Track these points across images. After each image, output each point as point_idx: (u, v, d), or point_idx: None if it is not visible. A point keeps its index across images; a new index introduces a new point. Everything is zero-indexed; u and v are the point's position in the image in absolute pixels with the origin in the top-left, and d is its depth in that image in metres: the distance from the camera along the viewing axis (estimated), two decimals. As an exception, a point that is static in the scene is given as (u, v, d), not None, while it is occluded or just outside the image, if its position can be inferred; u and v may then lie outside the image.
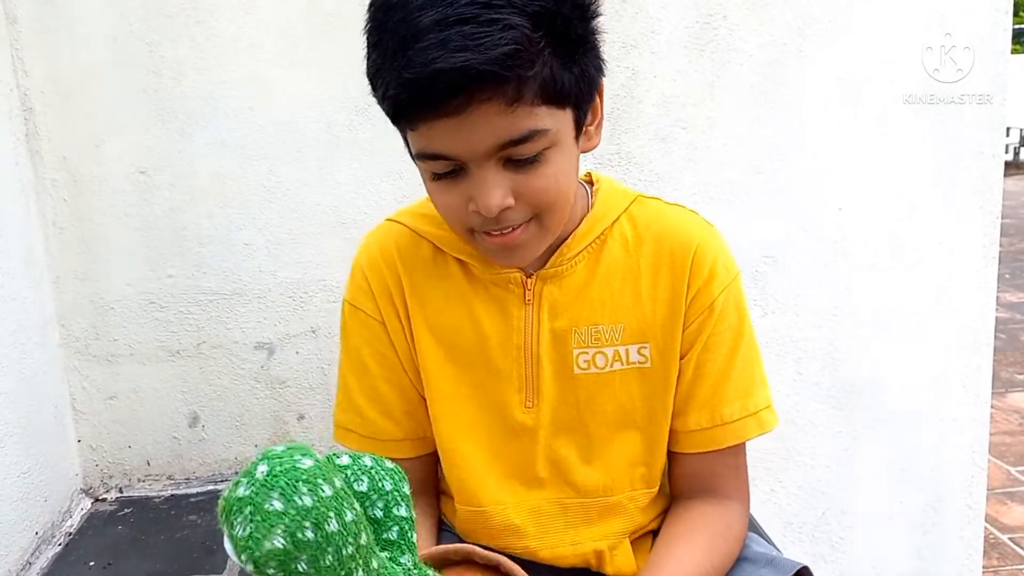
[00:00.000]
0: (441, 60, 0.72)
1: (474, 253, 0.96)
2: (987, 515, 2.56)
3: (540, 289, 0.96)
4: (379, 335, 1.01)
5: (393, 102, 0.78)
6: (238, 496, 0.56)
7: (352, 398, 1.03)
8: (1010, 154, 11.26)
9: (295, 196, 1.78)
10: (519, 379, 0.98)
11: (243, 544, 0.55)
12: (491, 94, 0.75)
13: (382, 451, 1.02)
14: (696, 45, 1.77)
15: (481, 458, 1.00)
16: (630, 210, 0.99)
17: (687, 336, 0.97)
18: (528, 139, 0.79)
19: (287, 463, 0.58)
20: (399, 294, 0.99)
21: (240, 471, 0.59)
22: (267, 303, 1.82)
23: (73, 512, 1.80)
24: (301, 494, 0.57)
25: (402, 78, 0.75)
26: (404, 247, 1.00)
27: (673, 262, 0.97)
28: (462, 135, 0.78)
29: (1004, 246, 6.69)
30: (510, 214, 0.83)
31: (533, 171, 0.82)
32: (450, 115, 0.76)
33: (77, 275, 1.78)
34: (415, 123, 0.79)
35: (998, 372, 3.91)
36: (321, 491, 0.58)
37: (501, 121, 0.77)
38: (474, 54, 0.72)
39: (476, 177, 0.81)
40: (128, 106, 1.72)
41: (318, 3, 1.71)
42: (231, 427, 1.87)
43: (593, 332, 0.97)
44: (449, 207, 0.86)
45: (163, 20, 1.69)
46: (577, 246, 0.96)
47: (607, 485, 1.01)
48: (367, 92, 0.86)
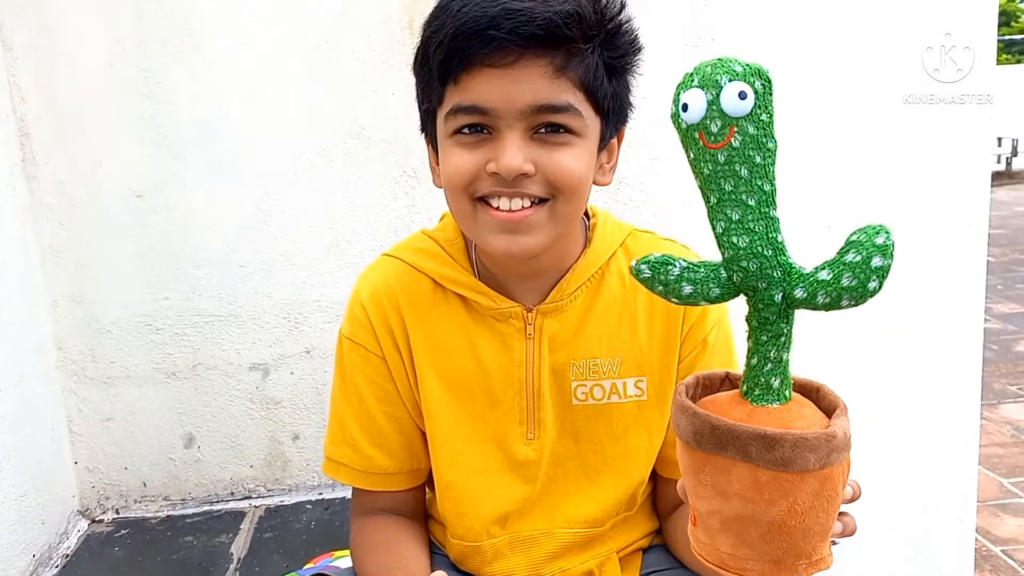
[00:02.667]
0: (509, 3, 0.78)
1: (475, 287, 0.97)
2: (979, 527, 2.57)
3: (541, 323, 0.98)
4: (379, 369, 1.01)
5: (448, 46, 0.81)
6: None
7: (347, 432, 1.03)
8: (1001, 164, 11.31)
9: (290, 218, 1.80)
10: (520, 412, 0.99)
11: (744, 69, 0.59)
12: (544, 55, 0.80)
13: (375, 484, 1.03)
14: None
15: (478, 492, 1.01)
16: (626, 244, 1.01)
17: (681, 370, 1.00)
18: (564, 110, 0.83)
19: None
20: (400, 329, 1.00)
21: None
22: (262, 324, 1.83)
23: (70, 534, 1.81)
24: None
25: (467, 17, 0.79)
26: (404, 283, 1.01)
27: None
28: (505, 87, 0.81)
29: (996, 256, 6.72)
30: (526, 183, 0.84)
31: (557, 148, 0.85)
32: (498, 65, 0.80)
33: (74, 298, 1.79)
34: (462, 72, 0.82)
35: (990, 383, 3.93)
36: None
37: (544, 83, 0.81)
38: (539, 5, 0.78)
39: (503, 138, 0.83)
40: (124, 131, 1.74)
41: (313, 29, 1.73)
42: (226, 448, 1.88)
43: (591, 365, 0.98)
44: (463, 168, 0.85)
45: (159, 46, 1.71)
46: (576, 281, 0.98)
47: (597, 517, 1.02)
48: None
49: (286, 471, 1.91)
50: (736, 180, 0.61)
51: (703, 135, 0.60)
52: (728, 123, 0.59)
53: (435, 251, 1.00)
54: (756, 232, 0.62)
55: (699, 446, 0.63)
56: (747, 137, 0.59)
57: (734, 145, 0.60)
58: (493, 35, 0.78)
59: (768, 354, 0.65)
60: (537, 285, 0.97)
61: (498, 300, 0.97)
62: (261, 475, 1.90)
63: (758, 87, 0.59)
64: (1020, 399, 3.82)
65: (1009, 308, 5.31)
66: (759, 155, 0.60)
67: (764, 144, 0.60)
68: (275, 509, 1.87)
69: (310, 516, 1.82)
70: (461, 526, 1.02)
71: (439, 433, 1.00)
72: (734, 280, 0.65)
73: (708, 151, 0.61)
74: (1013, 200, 9.94)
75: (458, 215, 0.91)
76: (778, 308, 0.64)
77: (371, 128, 1.77)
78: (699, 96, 0.60)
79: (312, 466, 1.91)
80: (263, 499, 1.90)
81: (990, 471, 3.14)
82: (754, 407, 0.65)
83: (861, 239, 0.60)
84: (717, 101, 0.59)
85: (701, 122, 0.60)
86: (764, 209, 0.62)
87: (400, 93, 1.76)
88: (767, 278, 0.63)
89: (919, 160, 1.87)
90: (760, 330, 0.65)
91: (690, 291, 0.67)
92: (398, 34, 1.75)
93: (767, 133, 0.60)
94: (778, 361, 0.65)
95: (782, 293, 0.63)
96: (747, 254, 0.63)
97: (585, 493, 1.02)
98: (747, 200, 0.61)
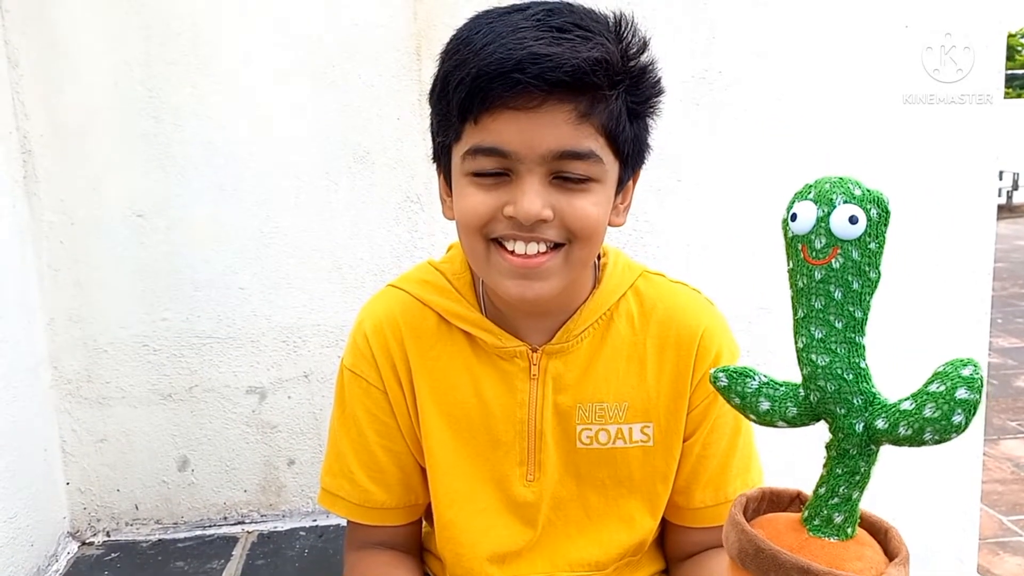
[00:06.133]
0: (536, 47, 0.76)
1: (481, 324, 0.96)
2: (979, 565, 2.54)
3: (546, 364, 0.96)
4: (380, 403, 1.00)
5: (470, 85, 0.79)
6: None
7: (345, 464, 1.02)
8: (1002, 197, 11.36)
9: (292, 241, 1.79)
10: (520, 452, 0.98)
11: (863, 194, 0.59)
12: (568, 100, 0.78)
13: (371, 519, 1.01)
14: (691, 99, 1.79)
15: (478, 531, 0.99)
16: (636, 285, 1.00)
17: (692, 419, 0.98)
18: (585, 158, 0.81)
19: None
20: (403, 362, 0.98)
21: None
22: (260, 347, 1.82)
23: (59, 556, 1.78)
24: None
25: (492, 57, 0.77)
26: (409, 315, 0.99)
27: (679, 345, 0.97)
28: (528, 131, 0.79)
29: (996, 290, 6.72)
30: (543, 228, 0.83)
31: (577, 195, 0.83)
32: (523, 108, 0.78)
33: (71, 317, 1.77)
34: (483, 112, 0.80)
35: (990, 419, 3.91)
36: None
37: (567, 129, 0.80)
38: (567, 51, 0.76)
39: (523, 182, 0.81)
40: (127, 150, 1.73)
41: (318, 51, 1.73)
42: (221, 472, 1.86)
43: (598, 409, 0.97)
44: (479, 209, 0.84)
45: (164, 66, 1.71)
46: (585, 322, 0.96)
47: (599, 560, 1.01)
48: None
49: (280, 496, 1.88)
50: (827, 300, 0.60)
51: (805, 248, 0.60)
52: (832, 243, 0.59)
53: (441, 284, 0.99)
54: (838, 354, 0.61)
55: (743, 565, 0.61)
56: (849, 261, 0.59)
57: (834, 266, 0.59)
58: (518, 79, 0.76)
59: (838, 489, 0.63)
60: (544, 325, 0.96)
61: (503, 338, 0.95)
62: (255, 500, 1.88)
63: (872, 215, 0.58)
64: (1020, 435, 3.80)
65: (1009, 342, 5.31)
66: (857, 281, 0.59)
67: (865, 272, 0.59)
68: (268, 535, 1.84)
69: (303, 543, 1.80)
70: (460, 566, 1.00)
71: (439, 470, 0.98)
72: (811, 400, 0.63)
73: (807, 265, 0.60)
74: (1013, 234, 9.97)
75: (471, 254, 0.90)
76: (859, 440, 0.62)
77: (375, 153, 1.77)
78: (810, 209, 0.59)
79: (307, 492, 1.88)
80: (256, 524, 1.88)
81: (990, 508, 3.11)
82: (810, 537, 0.63)
83: (947, 370, 0.59)
84: (827, 219, 0.58)
85: (806, 235, 0.60)
86: (850, 334, 0.61)
87: (405, 118, 1.76)
88: (846, 404, 0.62)
89: (919, 160, 1.87)
90: (837, 462, 0.63)
91: (767, 408, 0.65)
92: (405, 60, 1.75)
93: (872, 263, 0.59)
94: (847, 498, 0.63)
95: (864, 423, 0.62)
96: (825, 374, 0.61)
97: (587, 536, 1.00)
98: (834, 322, 0.60)
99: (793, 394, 0.64)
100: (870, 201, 0.59)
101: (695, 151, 1.81)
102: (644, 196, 1.81)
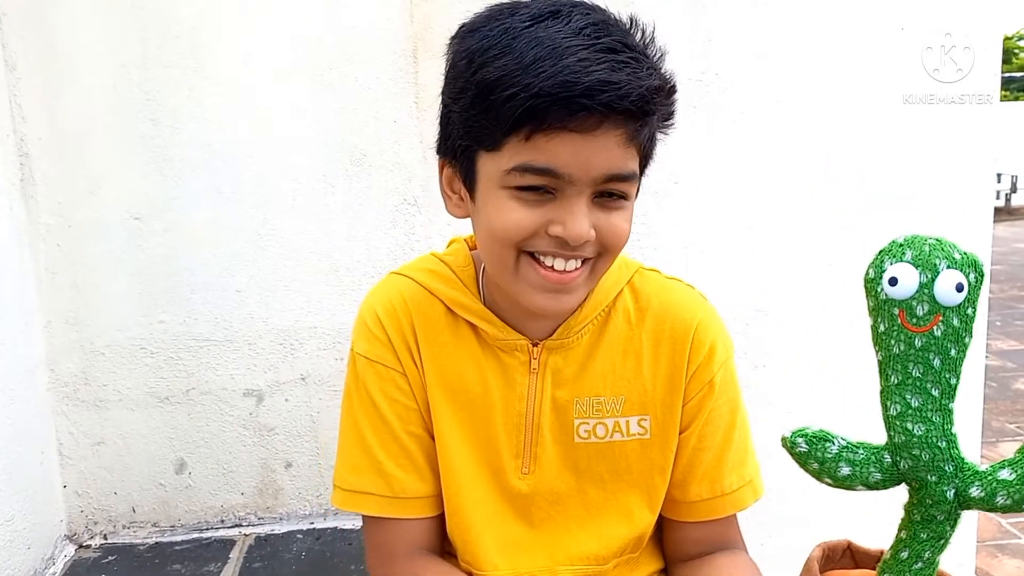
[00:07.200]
0: (602, 74, 0.75)
1: (485, 316, 0.96)
2: (978, 568, 2.54)
3: (546, 359, 0.96)
4: (400, 385, 0.98)
5: (529, 103, 0.76)
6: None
7: (372, 456, 0.98)
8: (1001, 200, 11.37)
9: (289, 243, 1.79)
10: (517, 445, 0.98)
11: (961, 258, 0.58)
12: (622, 125, 0.78)
13: (407, 512, 0.98)
14: (689, 101, 1.79)
15: (481, 520, 0.99)
16: (632, 281, 1.01)
17: (687, 411, 0.99)
18: (628, 179, 0.83)
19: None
20: (415, 345, 0.98)
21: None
22: (257, 350, 1.81)
23: (56, 559, 1.78)
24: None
25: (555, 79, 0.75)
26: (416, 302, 0.99)
27: (674, 339, 0.98)
28: (584, 154, 0.78)
29: (995, 293, 6.73)
30: (584, 247, 0.84)
31: (614, 212, 0.84)
32: (580, 131, 0.77)
33: (68, 320, 1.77)
34: (539, 132, 0.78)
35: (989, 421, 3.91)
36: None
37: (619, 152, 0.80)
38: (632, 78, 0.76)
39: (571, 203, 0.81)
40: (125, 153, 1.73)
41: (315, 54, 1.73)
42: (218, 474, 1.86)
43: (595, 403, 0.97)
44: (519, 224, 0.83)
45: (162, 69, 1.71)
46: (585, 319, 0.97)
47: (599, 554, 1.01)
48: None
49: (278, 499, 1.88)
50: (926, 368, 0.59)
51: (904, 314, 0.59)
52: (935, 310, 0.57)
53: (447, 274, 0.99)
54: (934, 423, 0.60)
55: None
56: (950, 328, 0.58)
57: (935, 334, 0.58)
58: (585, 103, 0.75)
59: (923, 554, 0.63)
60: (545, 320, 0.96)
61: (506, 331, 0.96)
62: (252, 503, 1.88)
63: (972, 279, 0.57)
64: (1019, 437, 3.80)
65: (1008, 345, 5.30)
66: (955, 348, 0.58)
67: (962, 338, 0.58)
68: (265, 538, 1.84)
69: (301, 546, 1.79)
70: (468, 552, 1.00)
71: (445, 455, 0.98)
72: (900, 467, 0.63)
73: (905, 331, 0.59)
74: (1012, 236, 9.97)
75: (496, 263, 0.88)
76: (949, 507, 0.62)
77: (372, 155, 1.77)
78: (911, 274, 0.58)
79: (304, 495, 1.88)
80: (253, 527, 1.87)
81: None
82: None
83: None
84: (931, 286, 0.57)
85: (906, 301, 0.58)
86: (945, 401, 0.60)
87: (402, 121, 1.76)
88: (938, 471, 0.61)
89: (919, 160, 1.87)
90: (922, 527, 0.63)
91: (848, 472, 0.64)
92: (402, 62, 1.75)
93: (968, 328, 0.58)
94: (931, 563, 0.63)
95: (955, 490, 0.61)
96: (921, 443, 0.61)
97: (587, 531, 1.00)
98: (931, 390, 0.60)
99: (877, 458, 0.63)
100: (969, 265, 0.57)
101: (693, 153, 1.81)
102: (642, 198, 1.79)
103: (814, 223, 1.85)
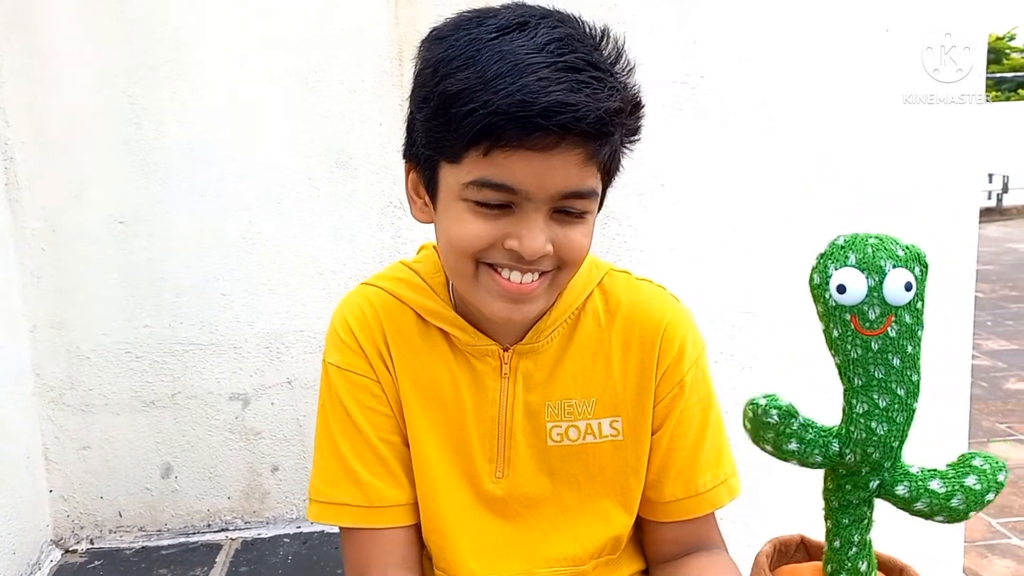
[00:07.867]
0: (560, 94, 0.75)
1: (456, 322, 0.96)
2: (968, 568, 2.55)
3: (516, 363, 0.97)
4: (375, 393, 0.98)
5: (487, 120, 0.76)
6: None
7: (347, 466, 0.98)
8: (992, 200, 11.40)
9: (274, 247, 1.78)
10: (490, 449, 0.98)
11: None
12: (580, 144, 0.78)
13: (384, 520, 0.98)
14: (675, 104, 1.79)
15: (456, 524, 0.99)
16: (602, 283, 1.01)
17: (658, 412, 0.99)
18: (587, 196, 0.83)
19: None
20: (387, 352, 0.98)
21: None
22: (243, 354, 1.81)
23: (42, 564, 1.77)
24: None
25: (512, 98, 0.75)
26: (387, 311, 0.99)
27: (643, 340, 0.98)
28: (540, 172, 0.79)
29: (986, 293, 6.75)
30: (541, 261, 0.84)
31: (572, 227, 0.84)
32: (537, 149, 0.77)
33: (53, 324, 1.77)
34: (496, 149, 0.78)
35: (979, 421, 3.92)
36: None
37: (577, 171, 0.80)
38: (590, 100, 0.76)
39: (527, 218, 0.82)
40: (109, 157, 1.73)
41: (300, 57, 1.73)
42: (204, 479, 1.85)
43: (566, 406, 0.98)
44: (477, 236, 0.83)
45: (146, 72, 1.71)
46: (554, 323, 0.97)
47: (576, 555, 1.01)
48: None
49: (264, 503, 1.88)
50: (887, 369, 0.59)
51: (856, 319, 0.59)
52: (887, 312, 0.58)
53: (416, 283, 0.99)
54: (896, 423, 0.61)
55: None
56: (903, 327, 0.58)
57: (890, 335, 0.58)
58: (541, 123, 0.75)
59: (852, 538, 0.64)
60: (515, 326, 0.96)
61: (477, 337, 0.96)
62: (239, 507, 1.87)
63: (917, 273, 0.58)
64: (1009, 437, 3.81)
65: (999, 344, 5.31)
66: (911, 344, 0.59)
67: (916, 333, 0.59)
68: (252, 542, 1.84)
69: (287, 550, 1.79)
70: (443, 559, 1.00)
71: (420, 461, 0.98)
72: (845, 458, 0.63)
73: (860, 336, 0.59)
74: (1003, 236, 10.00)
75: (455, 273, 0.89)
76: (868, 495, 0.63)
77: (358, 158, 1.77)
78: (859, 279, 0.58)
79: (291, 499, 1.88)
80: (240, 532, 1.87)
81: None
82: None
83: (984, 469, 0.59)
84: (880, 288, 0.57)
85: (857, 306, 0.58)
86: (910, 401, 0.61)
87: (387, 124, 1.76)
88: (875, 465, 0.62)
89: (919, 160, 1.87)
90: (842, 512, 0.63)
91: (793, 448, 0.65)
92: (387, 65, 1.75)
93: (919, 322, 0.59)
94: (862, 545, 0.64)
95: (879, 482, 0.62)
96: (879, 442, 0.61)
97: (563, 533, 1.01)
98: (896, 390, 0.60)
99: (823, 443, 0.63)
100: (913, 260, 0.57)
101: (679, 155, 1.81)
102: (628, 201, 1.82)
103: (799, 225, 1.86)
